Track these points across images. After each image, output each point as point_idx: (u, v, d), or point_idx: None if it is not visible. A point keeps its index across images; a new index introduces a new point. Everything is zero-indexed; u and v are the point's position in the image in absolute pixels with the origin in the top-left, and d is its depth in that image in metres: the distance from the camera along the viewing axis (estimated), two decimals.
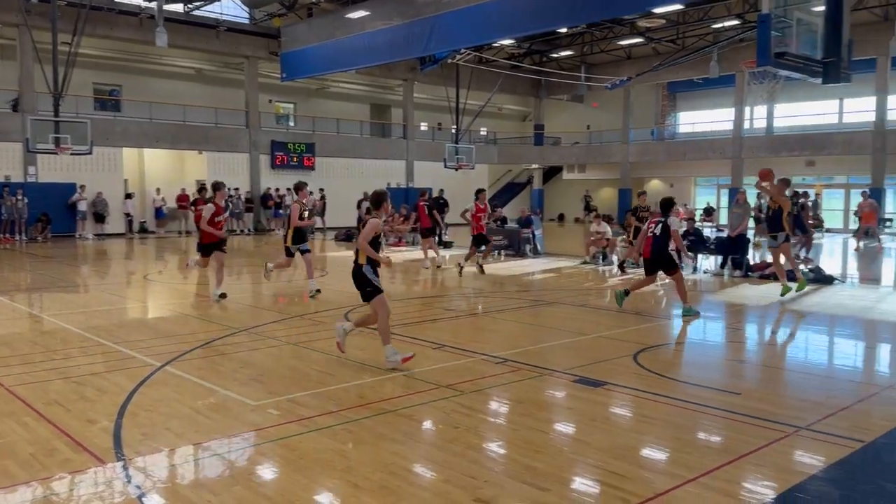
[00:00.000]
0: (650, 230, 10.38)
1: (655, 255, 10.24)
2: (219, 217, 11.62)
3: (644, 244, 10.46)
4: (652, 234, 10.28)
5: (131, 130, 28.27)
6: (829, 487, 4.37)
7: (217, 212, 11.54)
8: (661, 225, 10.19)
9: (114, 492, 4.19)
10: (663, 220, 10.23)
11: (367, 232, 6.90)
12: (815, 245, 24.37)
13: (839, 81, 12.31)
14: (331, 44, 25.83)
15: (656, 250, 10.21)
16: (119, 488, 4.24)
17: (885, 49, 27.44)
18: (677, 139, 39.32)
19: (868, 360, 7.70)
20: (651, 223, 10.52)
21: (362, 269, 7.00)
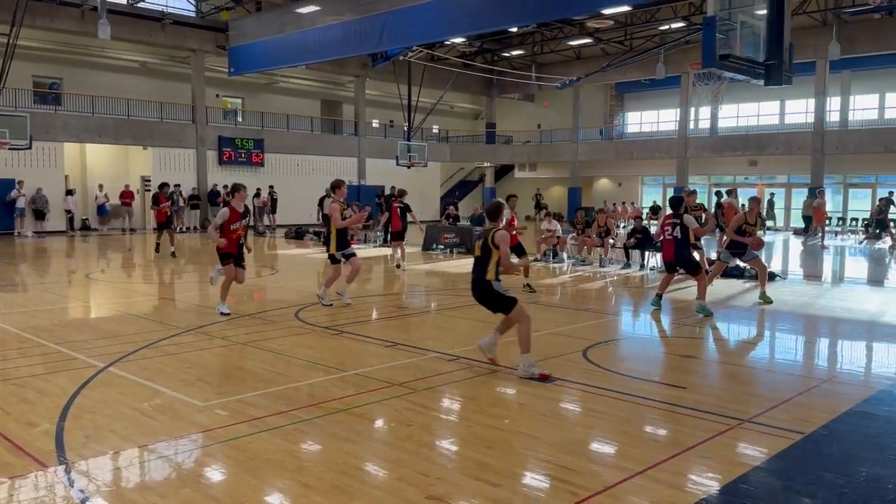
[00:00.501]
0: (666, 233, 9.85)
1: (679, 260, 9.85)
2: (234, 224, 9.63)
3: (665, 248, 9.99)
4: (672, 238, 9.74)
5: (73, 125, 27.45)
6: (771, 478, 4.50)
7: (232, 217, 9.60)
8: (679, 226, 9.71)
9: (56, 496, 4.07)
10: (678, 220, 9.76)
11: (505, 247, 6.57)
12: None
13: (781, 83, 12.67)
14: (280, 38, 25.48)
15: (679, 254, 9.79)
16: (61, 493, 4.12)
17: (824, 52, 28.45)
18: (625, 139, 40.01)
19: (808, 354, 7.96)
20: (665, 225, 9.94)
21: (492, 286, 6.70)
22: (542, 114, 42.65)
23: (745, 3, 12.46)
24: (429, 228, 22.09)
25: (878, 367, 7.94)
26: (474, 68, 34.21)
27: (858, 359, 7.90)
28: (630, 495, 4.16)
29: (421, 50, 28.31)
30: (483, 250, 6.74)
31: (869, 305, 11.28)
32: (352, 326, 9.26)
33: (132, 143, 29.39)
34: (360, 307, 11.23)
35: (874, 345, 8.72)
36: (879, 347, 8.75)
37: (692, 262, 9.99)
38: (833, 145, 30.57)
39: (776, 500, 4.18)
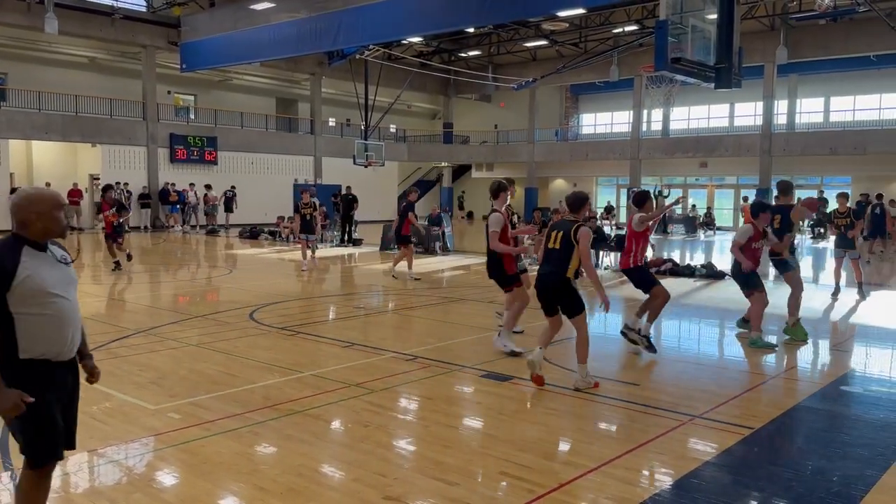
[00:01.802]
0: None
1: (735, 271, 8.50)
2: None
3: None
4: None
5: (18, 121, 26.60)
6: (722, 473, 4.61)
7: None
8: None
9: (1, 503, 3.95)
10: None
11: (586, 245, 6.10)
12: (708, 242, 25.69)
13: (730, 86, 12.94)
14: (234, 35, 25.10)
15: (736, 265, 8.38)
16: (6, 500, 3.99)
17: (772, 56, 29.21)
18: (580, 140, 40.46)
19: (756, 351, 8.16)
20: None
21: (571, 283, 6.18)
22: (499, 114, 42.87)
23: (697, 7, 12.70)
24: (386, 228, 22.03)
25: (823, 363, 8.19)
26: (431, 68, 34.20)
27: (805, 356, 8.13)
28: (585, 491, 4.22)
29: (378, 49, 28.20)
30: (564, 244, 6.16)
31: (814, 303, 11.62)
32: (308, 327, 9.18)
33: (81, 141, 28.62)
34: (318, 307, 11.15)
35: (819, 342, 8.98)
36: (824, 345, 9.02)
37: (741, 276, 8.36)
38: (780, 147, 31.40)
39: (727, 493, 4.27)
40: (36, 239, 3.08)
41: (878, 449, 5.00)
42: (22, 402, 2.94)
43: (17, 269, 2.95)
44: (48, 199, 3.13)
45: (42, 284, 3.00)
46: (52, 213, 3.10)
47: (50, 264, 3.09)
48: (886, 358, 8.40)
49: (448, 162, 43.62)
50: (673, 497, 4.17)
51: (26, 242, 3.06)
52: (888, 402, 6.26)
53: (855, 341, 9.18)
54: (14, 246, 3.03)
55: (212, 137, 31.80)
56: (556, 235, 6.25)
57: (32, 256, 3.04)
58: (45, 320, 3.01)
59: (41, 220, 3.07)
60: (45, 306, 3.01)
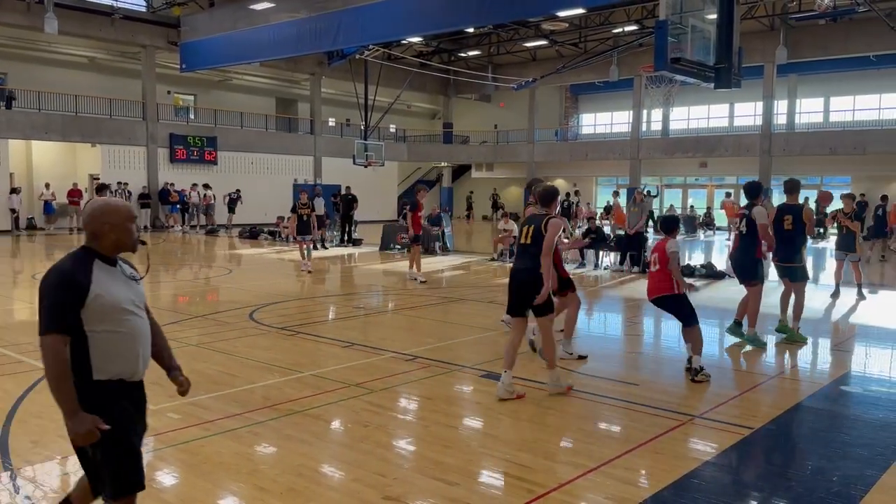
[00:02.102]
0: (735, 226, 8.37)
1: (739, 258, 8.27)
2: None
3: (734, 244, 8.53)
4: (738, 231, 8.29)
5: (18, 121, 26.59)
6: (721, 473, 4.61)
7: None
8: (745, 219, 8.10)
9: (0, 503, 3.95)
10: (747, 211, 8.12)
11: (553, 234, 5.91)
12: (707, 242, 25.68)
13: (730, 86, 12.94)
14: (234, 35, 25.10)
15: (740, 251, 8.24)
16: (6, 500, 3.99)
17: (771, 56, 29.20)
18: (580, 140, 40.45)
19: (755, 351, 8.16)
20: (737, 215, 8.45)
21: (541, 279, 5.94)
22: (499, 114, 42.86)
23: (697, 7, 12.69)
24: (385, 228, 22.04)
25: (822, 363, 8.19)
26: (431, 68, 34.19)
27: (805, 356, 8.13)
28: (585, 491, 4.22)
29: (378, 49, 28.20)
30: (535, 239, 6.01)
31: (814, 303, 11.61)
32: (307, 327, 9.18)
33: (80, 141, 28.61)
34: (318, 307, 11.15)
35: (819, 342, 8.98)
36: (824, 345, 9.02)
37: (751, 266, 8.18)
38: (780, 147, 31.39)
39: (727, 493, 4.28)
40: (107, 252, 2.96)
41: (878, 449, 5.01)
42: (97, 428, 2.80)
43: (91, 284, 2.81)
44: (122, 210, 3.01)
45: (116, 301, 2.87)
46: (126, 224, 2.98)
47: (121, 280, 2.97)
48: (886, 358, 8.40)
49: (448, 162, 43.62)
50: (673, 497, 4.17)
51: (97, 256, 2.92)
52: (888, 402, 6.26)
53: (855, 341, 9.18)
54: (85, 260, 2.89)
55: (211, 137, 31.79)
56: (528, 230, 6.08)
57: (104, 271, 2.90)
58: (120, 338, 2.89)
59: (114, 232, 2.94)
60: (120, 323, 2.88)
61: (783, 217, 8.40)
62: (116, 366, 2.89)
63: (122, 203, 3.10)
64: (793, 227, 8.33)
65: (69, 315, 2.76)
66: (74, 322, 2.78)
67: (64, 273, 2.81)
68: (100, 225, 2.93)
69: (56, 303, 2.76)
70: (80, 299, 2.78)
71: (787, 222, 8.34)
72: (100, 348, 2.83)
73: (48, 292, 2.79)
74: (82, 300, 2.78)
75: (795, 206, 8.48)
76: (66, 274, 2.81)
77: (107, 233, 2.93)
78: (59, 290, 2.78)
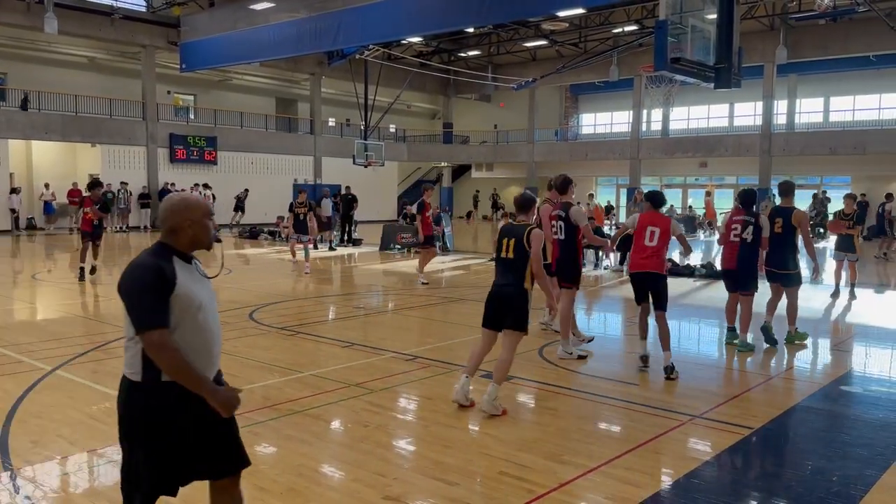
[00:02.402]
0: (734, 233, 7.96)
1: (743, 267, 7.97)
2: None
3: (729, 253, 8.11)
4: (740, 239, 7.90)
5: (17, 121, 26.60)
6: (721, 472, 4.61)
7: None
8: (753, 226, 7.83)
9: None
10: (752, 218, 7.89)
11: (538, 248, 5.58)
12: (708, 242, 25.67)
13: (730, 86, 12.93)
14: (234, 35, 25.09)
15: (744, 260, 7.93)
16: (6, 500, 3.99)
17: (771, 56, 29.19)
18: (580, 140, 40.46)
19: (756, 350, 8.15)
20: (733, 223, 8.02)
21: (528, 296, 5.68)
22: (499, 114, 42.86)
23: (697, 7, 12.69)
24: (385, 228, 22.04)
25: (822, 363, 8.19)
26: (431, 68, 34.20)
27: (805, 356, 8.13)
28: (585, 491, 4.22)
29: (377, 49, 28.19)
30: (518, 252, 5.64)
31: (813, 303, 11.62)
32: (307, 327, 9.18)
33: (80, 141, 28.61)
34: (318, 307, 11.14)
35: (819, 342, 8.98)
36: (823, 345, 9.02)
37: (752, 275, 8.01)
38: (780, 147, 31.40)
39: (727, 493, 4.28)
40: (183, 249, 2.88)
41: (878, 449, 5.01)
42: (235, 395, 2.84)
43: (176, 280, 2.74)
44: (202, 206, 2.94)
45: (195, 298, 2.81)
46: (204, 221, 2.90)
47: (197, 277, 2.90)
48: (886, 358, 8.40)
49: (448, 162, 43.61)
50: (673, 497, 4.17)
51: (175, 252, 2.85)
52: (887, 401, 6.26)
53: (854, 341, 9.18)
54: (165, 255, 2.81)
55: (211, 137, 31.80)
56: (508, 243, 5.69)
57: (183, 268, 2.82)
58: (198, 336, 2.83)
59: (193, 228, 2.87)
60: (198, 321, 2.82)
61: (775, 220, 8.11)
62: (197, 365, 2.82)
63: (199, 199, 3.04)
64: (782, 231, 8.03)
65: (165, 307, 2.70)
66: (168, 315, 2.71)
67: (151, 268, 2.73)
68: (180, 220, 2.85)
69: (152, 297, 2.68)
70: (168, 294, 2.72)
71: (778, 225, 8.06)
72: (179, 346, 2.75)
73: (139, 287, 2.71)
74: (171, 290, 2.73)
75: (787, 210, 8.18)
76: (154, 268, 2.73)
77: (186, 229, 2.86)
78: (151, 285, 2.70)
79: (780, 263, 8.20)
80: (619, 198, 38.16)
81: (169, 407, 2.76)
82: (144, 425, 2.77)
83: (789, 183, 8.51)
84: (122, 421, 2.84)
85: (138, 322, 2.69)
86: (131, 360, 2.78)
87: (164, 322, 2.68)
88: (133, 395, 2.79)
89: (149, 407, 2.75)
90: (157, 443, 2.77)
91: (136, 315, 2.70)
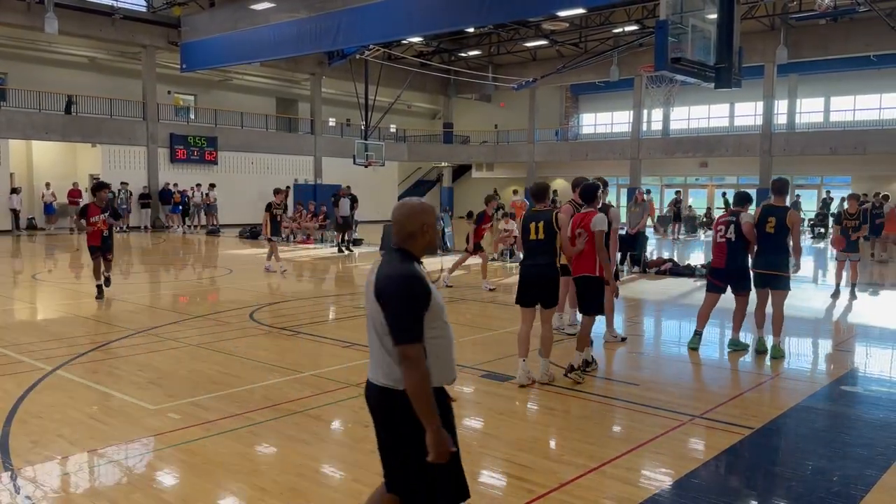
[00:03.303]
0: (720, 234, 7.90)
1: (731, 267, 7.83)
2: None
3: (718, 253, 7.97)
4: (725, 239, 7.80)
5: (18, 121, 26.61)
6: (722, 473, 4.61)
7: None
8: (734, 225, 7.76)
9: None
10: (734, 218, 7.83)
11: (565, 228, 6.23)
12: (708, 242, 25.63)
13: (730, 86, 12.94)
14: (234, 35, 25.11)
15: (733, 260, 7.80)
16: (6, 500, 3.99)
17: (772, 56, 29.19)
18: (580, 140, 40.45)
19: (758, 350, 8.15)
20: (720, 223, 8.00)
21: (558, 273, 6.26)
22: (499, 114, 42.85)
23: (697, 7, 12.69)
24: (386, 228, 21.99)
25: (822, 363, 8.19)
26: (431, 68, 34.20)
27: (805, 356, 8.13)
28: (585, 491, 4.21)
29: (378, 49, 28.20)
30: (547, 233, 6.15)
31: (814, 303, 11.62)
32: (308, 327, 9.18)
33: (80, 141, 28.62)
34: (318, 307, 11.14)
35: (819, 342, 8.98)
36: (824, 345, 9.02)
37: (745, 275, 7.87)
38: (780, 147, 31.39)
39: (727, 493, 4.27)
40: (418, 254, 2.86)
41: (878, 449, 5.00)
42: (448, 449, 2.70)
43: (430, 288, 2.73)
44: (433, 209, 2.92)
45: (441, 305, 2.80)
46: (436, 224, 2.89)
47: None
48: (886, 358, 8.40)
49: (448, 162, 43.62)
50: (673, 497, 4.17)
51: (416, 259, 2.82)
52: (888, 401, 6.26)
53: (854, 341, 9.18)
54: (414, 263, 2.79)
55: (212, 137, 31.81)
56: (537, 226, 6.21)
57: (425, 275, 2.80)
58: (444, 343, 2.82)
59: (429, 233, 2.85)
60: (443, 328, 2.82)
61: (767, 219, 7.66)
62: (442, 372, 2.80)
63: (428, 203, 3.00)
64: (774, 231, 7.62)
65: (422, 321, 2.70)
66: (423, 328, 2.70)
67: (420, 279, 2.72)
68: (419, 225, 2.82)
69: (418, 310, 2.68)
70: (427, 305, 2.72)
71: (770, 225, 7.64)
72: (432, 354, 2.73)
73: (408, 299, 2.69)
74: (427, 303, 2.72)
75: (780, 209, 7.74)
76: (422, 280, 2.72)
77: (424, 233, 2.83)
78: (418, 298, 2.69)
79: (770, 264, 7.70)
80: (620, 198, 38.13)
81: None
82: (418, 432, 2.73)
83: (783, 181, 8.22)
84: (392, 429, 2.82)
85: (401, 334, 2.67)
86: (391, 369, 2.76)
87: (421, 336, 2.68)
88: (403, 403, 2.74)
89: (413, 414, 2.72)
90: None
91: (401, 327, 2.68)
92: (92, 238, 11.01)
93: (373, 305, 2.78)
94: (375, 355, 2.83)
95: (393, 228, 2.87)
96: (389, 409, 2.81)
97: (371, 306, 2.79)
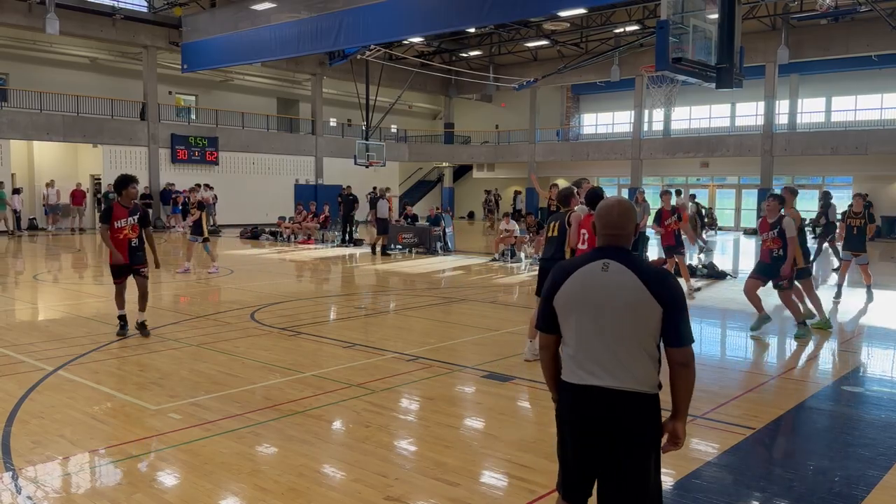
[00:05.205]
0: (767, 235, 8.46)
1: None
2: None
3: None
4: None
5: (19, 122, 26.62)
6: (723, 473, 4.60)
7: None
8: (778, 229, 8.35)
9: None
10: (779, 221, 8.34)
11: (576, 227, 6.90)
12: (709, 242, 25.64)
13: (731, 87, 12.91)
14: (235, 35, 25.11)
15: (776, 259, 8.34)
16: (8, 500, 3.99)
17: (773, 56, 29.18)
18: (581, 140, 40.43)
19: (758, 351, 8.15)
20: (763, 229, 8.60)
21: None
22: (500, 114, 42.84)
23: (698, 7, 12.68)
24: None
25: (825, 363, 8.18)
26: (432, 68, 34.21)
27: (807, 356, 8.12)
28: None
29: (379, 49, 28.18)
30: (560, 230, 7.13)
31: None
32: (309, 327, 9.18)
33: (82, 141, 28.63)
34: (319, 307, 11.14)
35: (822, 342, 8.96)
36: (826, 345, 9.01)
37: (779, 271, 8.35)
38: (782, 147, 31.37)
39: (728, 493, 4.27)
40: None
41: (880, 449, 4.99)
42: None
43: None
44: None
45: None
46: None
47: None
48: (888, 358, 8.39)
49: (449, 162, 43.61)
50: (673, 497, 4.16)
51: None
52: (890, 402, 6.25)
53: (856, 342, 9.16)
54: None
55: (213, 138, 31.82)
56: (554, 226, 7.26)
57: None
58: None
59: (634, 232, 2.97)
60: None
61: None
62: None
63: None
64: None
65: None
66: None
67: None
68: (633, 225, 2.91)
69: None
70: None
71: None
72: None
73: (685, 302, 2.82)
74: None
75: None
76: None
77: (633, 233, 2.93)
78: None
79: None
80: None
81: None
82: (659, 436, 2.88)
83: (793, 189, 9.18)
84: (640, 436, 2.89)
85: (689, 335, 2.81)
86: (646, 373, 2.85)
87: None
88: (655, 409, 2.84)
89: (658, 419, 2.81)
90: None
91: (687, 329, 2.81)
92: (117, 248, 8.23)
93: (624, 310, 2.76)
94: (623, 362, 2.82)
95: (606, 230, 2.87)
96: (639, 414, 2.86)
97: (620, 312, 2.76)
